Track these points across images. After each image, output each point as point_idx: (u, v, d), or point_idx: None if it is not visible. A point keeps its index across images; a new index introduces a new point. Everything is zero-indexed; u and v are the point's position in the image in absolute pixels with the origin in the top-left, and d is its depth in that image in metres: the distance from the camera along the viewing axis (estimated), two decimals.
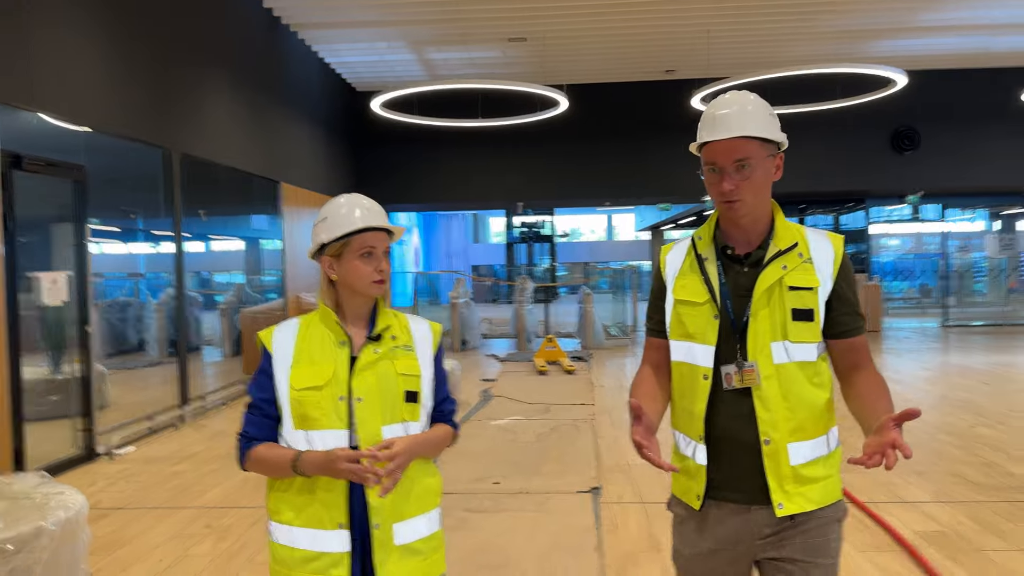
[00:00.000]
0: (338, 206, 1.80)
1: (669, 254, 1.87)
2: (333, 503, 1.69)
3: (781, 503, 1.65)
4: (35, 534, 3.03)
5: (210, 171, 8.09)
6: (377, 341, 1.78)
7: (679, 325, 1.77)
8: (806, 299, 1.68)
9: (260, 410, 1.77)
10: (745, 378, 1.67)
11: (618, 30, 10.83)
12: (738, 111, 1.68)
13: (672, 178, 14.00)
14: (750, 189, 1.66)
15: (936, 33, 11.23)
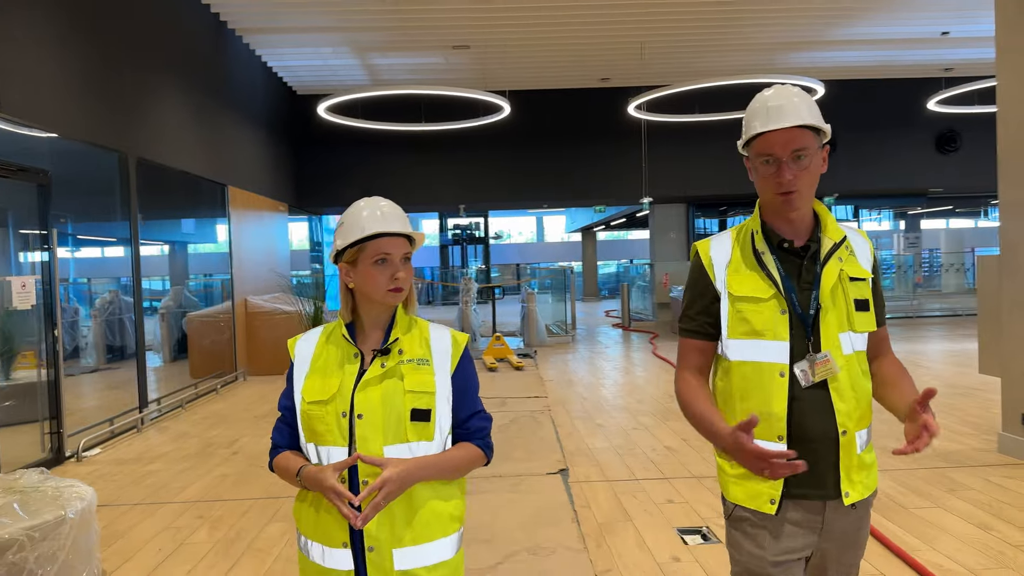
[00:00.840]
0: (357, 210, 1.72)
1: (712, 251, 1.79)
2: (336, 520, 1.63)
3: (847, 491, 1.66)
4: (57, 523, 3.19)
5: (161, 175, 8.10)
6: (385, 355, 1.69)
7: (742, 323, 1.70)
8: (863, 290, 1.71)
9: (284, 418, 1.75)
10: (819, 371, 1.64)
11: (556, 40, 11.28)
12: (791, 101, 1.66)
13: (609, 181, 14.58)
14: (807, 180, 1.65)
15: (850, 46, 12.13)
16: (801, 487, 1.65)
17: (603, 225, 26.99)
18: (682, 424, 6.57)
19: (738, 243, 1.77)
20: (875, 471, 1.73)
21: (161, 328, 9.95)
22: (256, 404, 8.28)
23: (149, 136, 7.78)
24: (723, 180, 14.79)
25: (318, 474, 1.58)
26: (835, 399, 1.64)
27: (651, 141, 14.33)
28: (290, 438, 1.73)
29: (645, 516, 4.25)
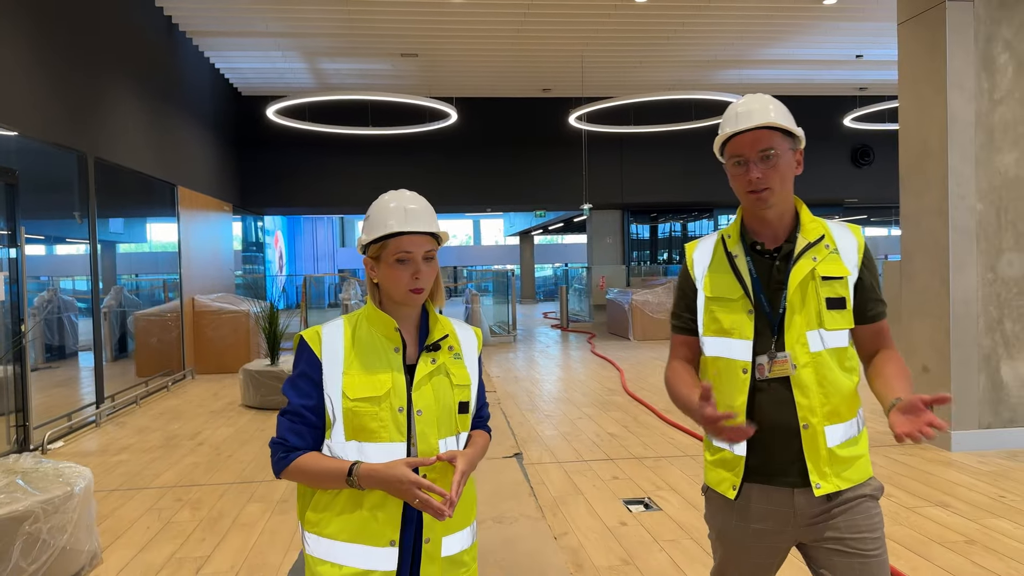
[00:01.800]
0: (383, 204, 1.69)
1: (696, 252, 1.91)
2: (387, 519, 1.60)
3: (818, 483, 1.71)
4: (66, 497, 3.47)
5: (115, 174, 8.21)
6: (435, 350, 1.70)
7: (713, 322, 1.81)
8: (838, 288, 1.76)
9: (302, 418, 1.64)
10: (775, 368, 1.73)
11: (501, 51, 11.76)
12: (759, 105, 1.75)
13: (551, 187, 15.15)
14: (776, 178, 1.73)
15: (773, 66, 13.02)
16: (761, 474, 1.75)
17: (541, 229, 27.62)
18: (622, 413, 7.13)
19: (717, 245, 1.87)
20: (859, 465, 1.76)
21: (103, 327, 9.99)
22: (210, 400, 8.45)
23: (106, 136, 7.90)
24: (656, 188, 15.56)
25: (390, 471, 1.52)
26: (796, 394, 1.72)
27: (590, 150, 14.97)
28: (310, 439, 1.63)
29: (594, 490, 4.75)
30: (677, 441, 5.98)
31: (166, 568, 3.68)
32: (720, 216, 19.43)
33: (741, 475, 1.76)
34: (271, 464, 1.66)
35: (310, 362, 1.64)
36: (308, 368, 1.64)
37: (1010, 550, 3.62)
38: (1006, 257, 5.51)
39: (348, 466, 1.56)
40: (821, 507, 1.73)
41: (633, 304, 13.84)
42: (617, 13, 10.19)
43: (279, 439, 1.63)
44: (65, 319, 8.13)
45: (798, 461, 1.72)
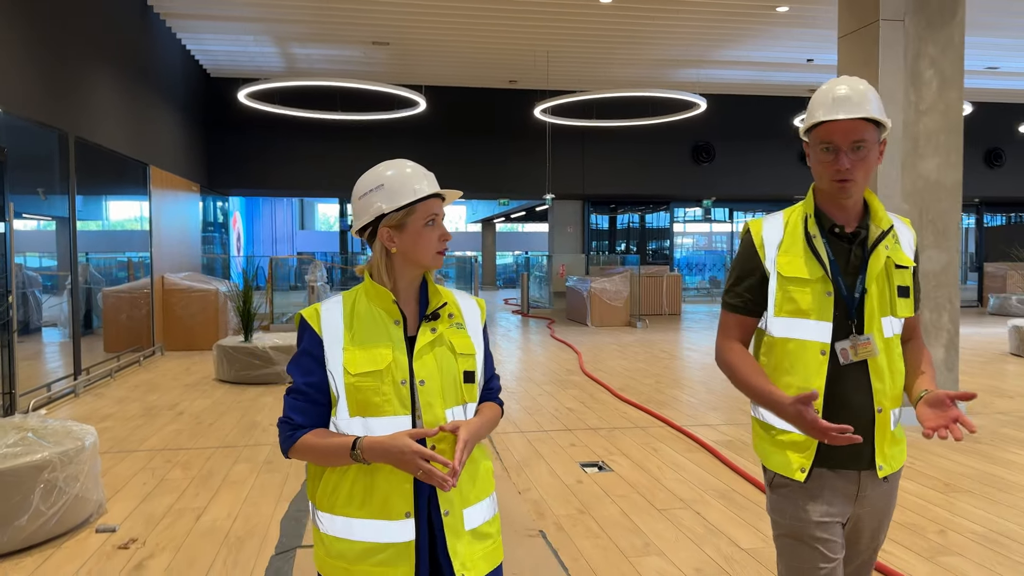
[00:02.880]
0: (395, 171, 1.68)
1: (764, 231, 1.87)
2: (398, 492, 1.59)
3: (882, 465, 1.76)
4: (78, 450, 3.83)
5: (92, 153, 8.40)
6: (435, 319, 1.68)
7: (788, 302, 1.79)
8: (906, 277, 1.81)
9: (306, 396, 1.64)
10: (860, 351, 1.73)
11: (470, 42, 12.14)
12: (858, 93, 1.71)
13: (515, 176, 15.59)
14: (863, 170, 1.72)
15: (729, 66, 13.62)
16: (837, 458, 1.75)
17: (503, 217, 28.05)
18: (579, 391, 7.64)
19: (790, 225, 1.85)
20: (904, 446, 1.84)
21: (69, 303, 10.13)
22: (183, 375, 8.73)
23: (85, 116, 8.09)
24: (616, 181, 16.12)
25: (392, 442, 1.51)
26: (873, 378, 1.73)
27: (554, 142, 15.43)
28: (316, 417, 1.64)
29: (553, 455, 5.24)
30: (629, 415, 6.50)
31: (167, 517, 4.06)
32: (676, 209, 20.12)
33: (812, 457, 1.75)
34: (279, 443, 1.65)
35: (311, 339, 1.64)
36: (310, 345, 1.64)
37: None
38: (926, 253, 6.13)
39: (352, 441, 1.56)
40: (880, 488, 1.79)
41: (592, 292, 14.38)
42: (582, 13, 10.64)
43: (285, 418, 1.64)
44: (29, 295, 8.31)
45: (870, 444, 1.74)
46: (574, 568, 3.37)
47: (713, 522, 3.92)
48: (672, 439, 5.67)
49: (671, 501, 4.26)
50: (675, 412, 6.54)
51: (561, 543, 3.65)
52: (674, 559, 3.46)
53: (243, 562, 3.47)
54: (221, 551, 3.59)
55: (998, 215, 21.92)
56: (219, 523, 3.96)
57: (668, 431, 5.93)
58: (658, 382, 8.11)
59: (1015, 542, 3.64)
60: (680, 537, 3.72)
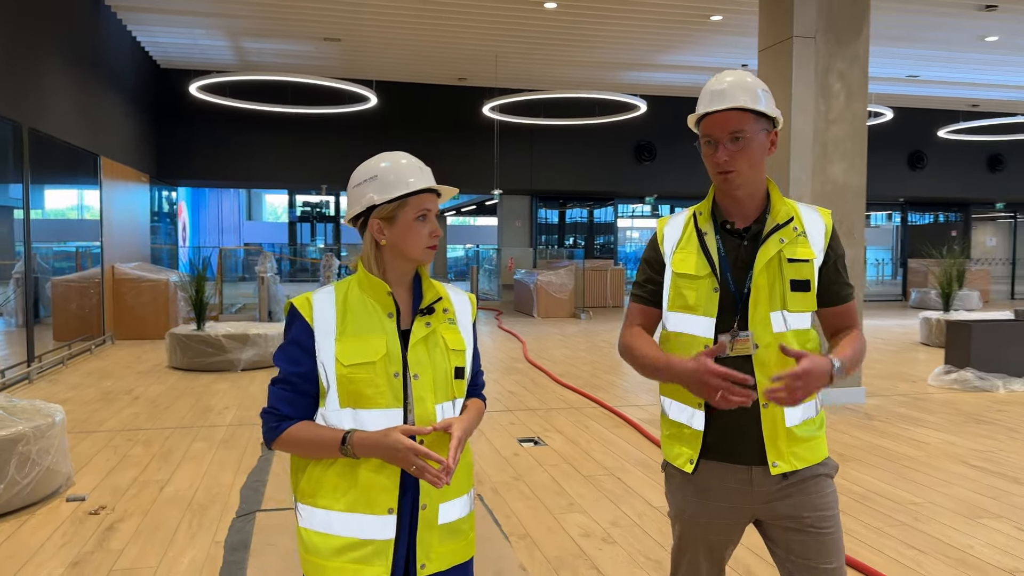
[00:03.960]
0: (390, 163, 1.67)
1: (667, 227, 1.90)
2: (384, 486, 1.57)
3: (776, 462, 1.73)
4: (49, 426, 4.13)
5: (45, 144, 8.51)
6: (429, 314, 1.67)
7: (678, 297, 1.81)
8: (803, 271, 1.76)
9: (294, 386, 1.61)
10: (738, 347, 1.74)
11: (420, 40, 12.47)
12: (733, 85, 1.73)
13: (464, 171, 15.96)
14: (745, 160, 1.72)
15: (669, 70, 14.25)
16: (723, 451, 1.77)
17: (453, 211, 28.38)
18: (522, 376, 8.11)
19: (688, 222, 1.87)
20: (815, 445, 1.78)
21: (16, 293, 10.19)
22: (135, 363, 8.91)
23: (39, 107, 8.20)
24: (563, 177, 16.65)
25: (385, 438, 1.51)
26: (757, 373, 1.72)
27: (502, 139, 15.87)
28: (303, 408, 1.61)
29: (493, 432, 5.69)
30: (566, 397, 7.00)
31: (132, 487, 4.38)
32: (620, 205, 20.78)
33: (698, 450, 1.79)
34: (262, 434, 1.62)
35: (301, 329, 1.61)
36: (300, 335, 1.61)
37: None
38: None
39: (342, 434, 1.54)
40: (777, 485, 1.75)
41: (538, 284, 14.88)
42: (528, 15, 11.09)
43: (270, 408, 1.62)
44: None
45: (757, 440, 1.74)
46: (507, 524, 3.82)
47: (631, 486, 4.42)
48: (603, 418, 6.18)
49: (596, 469, 4.76)
50: (608, 394, 7.06)
51: (496, 504, 4.11)
52: (594, 515, 3.95)
53: (207, 525, 3.83)
54: (186, 516, 3.94)
55: (927, 214, 23.17)
56: (182, 492, 4.30)
57: (600, 411, 6.44)
58: (595, 368, 8.64)
59: (885, 499, 4.24)
60: (600, 498, 4.22)
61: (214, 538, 3.64)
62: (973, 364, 7.57)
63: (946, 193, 19.37)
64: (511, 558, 3.37)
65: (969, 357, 7.60)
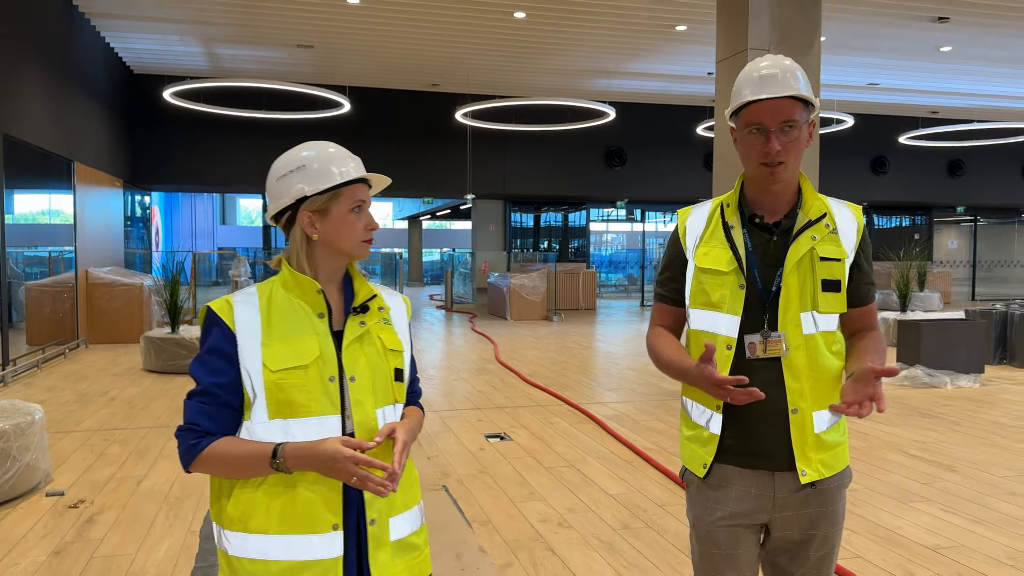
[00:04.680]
0: (316, 152, 1.54)
1: (689, 219, 1.81)
2: (326, 501, 1.45)
3: (804, 470, 1.65)
4: (29, 423, 4.29)
5: (18, 150, 8.60)
6: (364, 312, 1.56)
7: (701, 294, 1.73)
8: (835, 270, 1.68)
9: (216, 398, 1.45)
10: (770, 348, 1.65)
11: (392, 47, 12.67)
12: (784, 70, 1.63)
13: (437, 176, 16.18)
14: (794, 152, 1.63)
15: (638, 77, 14.58)
16: (743, 455, 1.69)
17: (429, 215, 28.55)
18: (492, 377, 8.34)
19: (714, 215, 1.78)
20: (840, 452, 1.72)
21: None
22: (110, 366, 9.01)
23: (13, 113, 8.29)
24: (535, 182, 16.93)
25: (322, 448, 1.38)
26: (787, 377, 1.65)
27: (475, 144, 16.10)
28: (226, 422, 1.46)
29: (461, 428, 5.91)
30: (534, 396, 7.24)
31: (110, 483, 4.54)
32: (592, 210, 21.10)
33: (713, 453, 1.71)
34: (179, 455, 1.47)
35: (221, 335, 1.47)
36: (220, 342, 1.47)
37: None
38: None
39: (272, 448, 1.41)
40: (800, 493, 1.68)
41: (511, 287, 15.12)
42: (498, 24, 11.35)
43: (188, 424, 1.45)
44: None
45: (784, 446, 1.66)
46: (470, 512, 4.05)
47: (589, 476, 4.67)
48: (568, 415, 6.43)
49: (557, 461, 5.00)
50: (574, 392, 7.31)
51: (460, 494, 4.33)
52: (552, 503, 4.19)
53: (183, 516, 4.01)
54: (162, 508, 4.12)
55: (894, 218, 23.74)
56: (158, 487, 4.47)
57: (566, 408, 6.69)
58: (564, 368, 8.89)
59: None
60: (559, 487, 4.46)
61: (190, 528, 3.83)
62: (922, 362, 7.93)
63: (908, 197, 19.93)
64: (472, 542, 3.60)
65: (919, 355, 7.96)
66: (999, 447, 5.39)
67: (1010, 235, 25.98)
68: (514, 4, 10.50)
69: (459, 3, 10.44)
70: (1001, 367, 9.02)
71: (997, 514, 4.02)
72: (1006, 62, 13.44)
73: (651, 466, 4.88)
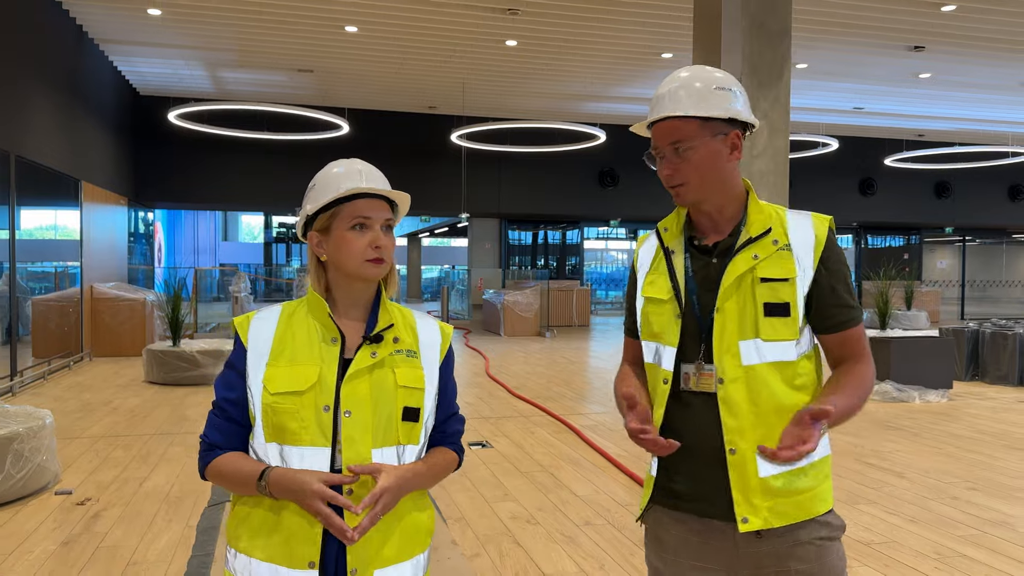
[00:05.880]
0: (329, 170, 1.52)
1: (642, 248, 1.71)
2: (305, 536, 1.39)
3: (746, 517, 1.48)
4: (40, 427, 4.64)
5: (30, 170, 9.01)
6: (377, 342, 1.47)
7: (646, 324, 1.62)
8: (780, 292, 1.51)
9: (224, 413, 1.47)
10: (701, 382, 1.53)
11: (390, 73, 13.13)
12: (675, 89, 1.53)
13: (433, 195, 16.61)
14: (693, 172, 1.52)
15: (627, 101, 15.04)
16: (680, 499, 1.56)
17: (428, 232, 29.01)
18: (481, 390, 8.68)
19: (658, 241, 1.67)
20: (804, 499, 1.51)
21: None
22: (113, 378, 9.36)
23: (25, 135, 8.71)
24: (529, 201, 17.37)
25: (296, 478, 1.35)
26: (723, 413, 1.49)
27: (470, 165, 16.54)
28: (233, 437, 1.46)
29: None
30: (518, 407, 7.58)
31: (114, 483, 4.89)
32: (587, 229, 21.53)
33: (648, 497, 1.61)
34: (198, 460, 1.49)
35: (237, 351, 1.48)
36: (235, 357, 1.48)
37: None
38: None
39: (261, 470, 1.39)
40: (751, 547, 1.50)
41: (505, 304, 15.49)
42: (492, 51, 11.80)
43: (203, 436, 1.48)
44: None
45: (724, 490, 1.50)
46: (447, 511, 4.38)
47: (561, 479, 5.01)
48: (548, 425, 6.77)
49: (532, 466, 5.34)
50: (557, 404, 7.65)
51: (439, 495, 4.66)
52: (523, 503, 4.52)
53: (182, 512, 4.35)
54: (163, 506, 4.46)
55: (887, 237, 24.12)
56: (159, 487, 4.81)
57: (547, 419, 7.03)
58: (549, 382, 9.24)
59: None
60: (532, 489, 4.79)
61: (188, 523, 4.16)
62: (892, 377, 8.27)
63: (896, 219, 20.33)
64: (444, 535, 3.93)
65: (889, 371, 8.30)
66: (952, 457, 5.72)
67: (1000, 255, 26.37)
68: (506, 33, 10.95)
69: (452, 32, 10.89)
70: (972, 383, 9.35)
71: (934, 515, 4.35)
72: (982, 88, 13.88)
73: (620, 471, 5.22)
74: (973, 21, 10.37)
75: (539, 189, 17.36)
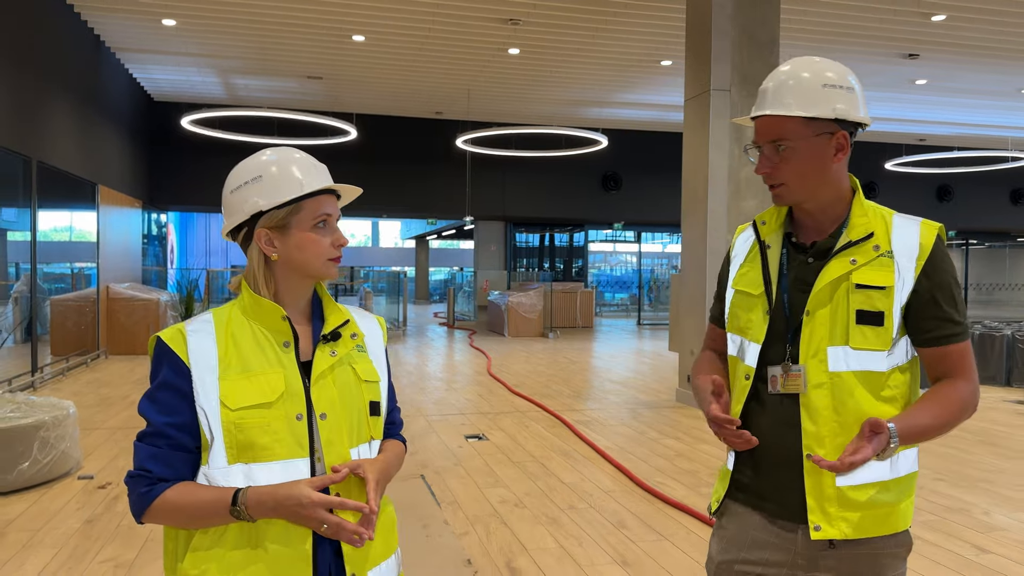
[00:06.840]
0: (276, 159, 1.42)
1: (739, 237, 1.69)
2: (293, 556, 1.29)
3: (818, 525, 1.44)
4: (64, 416, 4.99)
5: (50, 174, 9.41)
6: (335, 340, 1.40)
7: (733, 317, 1.61)
8: (875, 300, 1.44)
9: (168, 440, 1.29)
10: (788, 383, 1.48)
11: (397, 79, 13.49)
12: (779, 84, 1.47)
13: (439, 199, 16.96)
14: (792, 173, 1.46)
15: (629, 107, 15.34)
16: (753, 496, 1.55)
17: (435, 234, 29.38)
18: (482, 388, 9.00)
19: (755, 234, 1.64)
20: (882, 515, 1.46)
21: (14, 311, 11.00)
22: (128, 374, 9.74)
23: (45, 141, 9.11)
24: (533, 204, 17.68)
25: (284, 492, 1.24)
26: (804, 418, 1.46)
27: (475, 168, 16.89)
28: (182, 467, 1.30)
29: (444, 430, 6.57)
30: (515, 404, 7.89)
31: None
32: (591, 232, 21.83)
33: (724, 490, 1.60)
34: (130, 504, 1.30)
35: (174, 369, 1.31)
36: (172, 377, 1.31)
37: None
38: None
39: (232, 494, 1.26)
40: (822, 553, 1.47)
41: (509, 305, 15.80)
42: (495, 59, 12.14)
43: (138, 470, 1.30)
44: None
45: (798, 493, 1.47)
46: (441, 495, 4.70)
47: (551, 468, 5.32)
48: (543, 419, 7.08)
49: (524, 457, 5.65)
50: (554, 401, 7.96)
51: (435, 482, 4.99)
52: (513, 489, 4.84)
53: None
54: None
55: None
56: None
57: (542, 414, 7.34)
58: (549, 380, 9.55)
59: None
60: (522, 477, 5.11)
61: None
62: None
63: None
64: (438, 515, 4.26)
65: None
66: (925, 450, 5.98)
67: (1003, 259, 26.47)
68: (508, 42, 11.28)
69: (456, 41, 11.23)
70: None
71: None
72: (980, 94, 14.10)
73: (606, 461, 5.53)
74: (964, 30, 10.61)
75: (543, 193, 17.69)
